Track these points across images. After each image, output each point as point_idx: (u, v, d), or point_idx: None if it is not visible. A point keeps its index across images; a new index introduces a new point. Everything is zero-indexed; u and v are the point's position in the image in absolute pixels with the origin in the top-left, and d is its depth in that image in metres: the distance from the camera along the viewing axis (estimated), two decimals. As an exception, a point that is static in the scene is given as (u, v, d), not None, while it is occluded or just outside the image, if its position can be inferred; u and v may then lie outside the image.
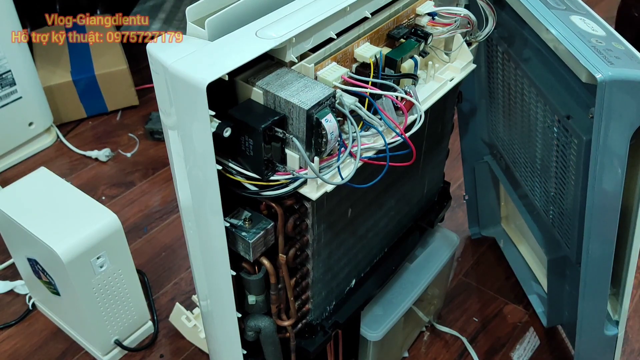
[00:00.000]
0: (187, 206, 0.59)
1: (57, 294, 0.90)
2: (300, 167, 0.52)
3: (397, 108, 0.57)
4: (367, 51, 0.57)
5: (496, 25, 0.67)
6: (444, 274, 0.95)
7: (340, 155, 0.53)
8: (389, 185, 0.72)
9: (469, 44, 0.68)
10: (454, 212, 1.21)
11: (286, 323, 0.66)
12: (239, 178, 0.54)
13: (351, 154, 0.53)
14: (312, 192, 0.53)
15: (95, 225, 0.84)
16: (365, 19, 0.58)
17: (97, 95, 1.45)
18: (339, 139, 0.52)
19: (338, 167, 0.53)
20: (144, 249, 1.14)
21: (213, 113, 0.48)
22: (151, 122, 1.42)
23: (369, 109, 0.55)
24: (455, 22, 0.63)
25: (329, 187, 0.53)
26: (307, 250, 0.63)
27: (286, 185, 0.53)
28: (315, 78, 0.54)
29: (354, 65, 0.58)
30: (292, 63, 0.54)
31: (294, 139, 0.51)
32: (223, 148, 0.52)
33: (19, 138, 1.34)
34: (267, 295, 0.64)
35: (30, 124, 1.34)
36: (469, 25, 0.65)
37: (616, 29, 0.67)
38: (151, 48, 0.51)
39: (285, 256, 0.60)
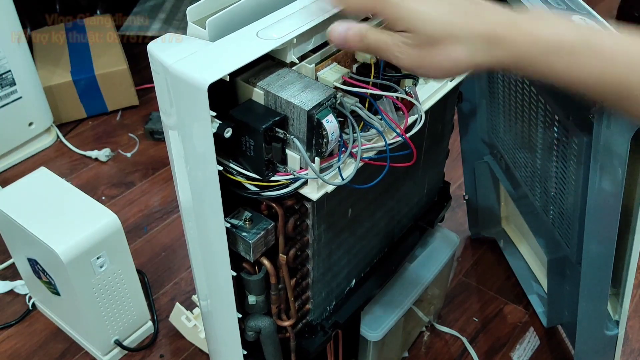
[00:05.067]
0: (188, 206, 0.59)
1: (57, 294, 0.90)
2: (301, 168, 0.52)
3: (397, 108, 0.57)
4: (367, 51, 0.57)
5: (496, 26, 0.67)
6: (444, 274, 0.95)
7: (341, 156, 0.53)
8: (389, 185, 0.72)
9: (469, 44, 0.68)
10: (454, 212, 1.21)
11: (286, 323, 0.66)
12: (239, 178, 0.54)
13: (352, 155, 0.53)
14: (312, 192, 0.53)
15: (95, 225, 0.84)
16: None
17: (97, 95, 1.45)
18: (339, 139, 0.52)
19: (339, 167, 0.53)
20: (144, 249, 1.14)
21: (214, 113, 0.48)
22: (151, 122, 1.42)
23: (369, 110, 0.55)
24: (455, 22, 0.63)
25: (330, 188, 0.53)
26: (307, 250, 0.63)
27: (287, 185, 0.53)
28: (316, 78, 0.54)
29: (355, 66, 0.58)
30: (293, 63, 0.54)
31: (295, 140, 0.51)
32: (224, 148, 0.52)
33: (19, 138, 1.33)
34: (267, 296, 0.64)
35: (30, 124, 1.34)
36: (469, 26, 0.65)
37: (616, 30, 0.67)
38: (152, 48, 0.50)
39: (285, 256, 0.60)
